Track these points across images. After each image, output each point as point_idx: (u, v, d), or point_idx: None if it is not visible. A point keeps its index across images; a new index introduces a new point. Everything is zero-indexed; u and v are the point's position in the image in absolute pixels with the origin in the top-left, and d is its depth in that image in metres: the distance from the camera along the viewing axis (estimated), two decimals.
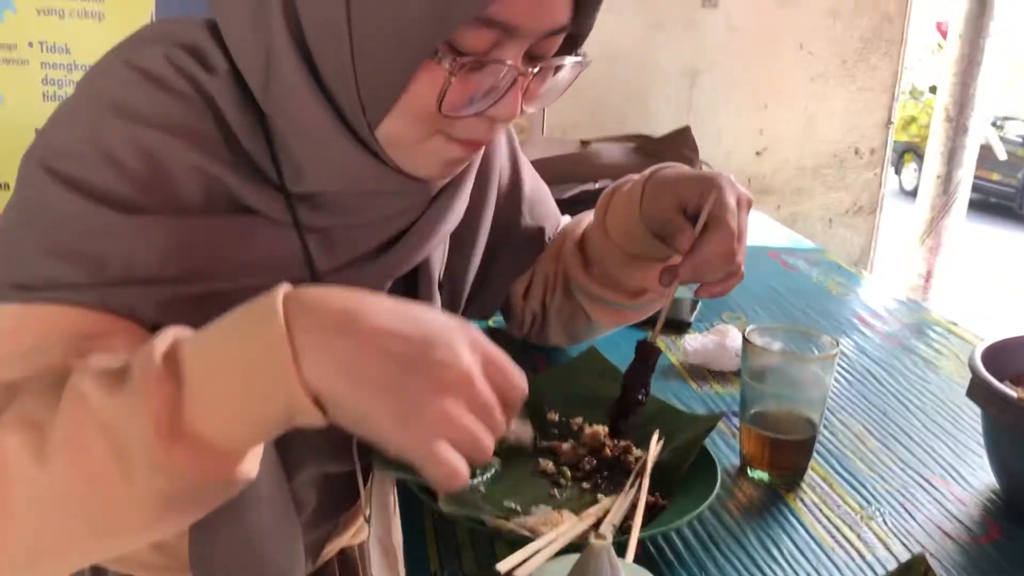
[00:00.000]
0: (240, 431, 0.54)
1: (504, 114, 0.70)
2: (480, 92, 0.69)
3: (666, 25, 2.28)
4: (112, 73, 0.71)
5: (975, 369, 0.85)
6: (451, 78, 0.66)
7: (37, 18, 1.87)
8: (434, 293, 0.89)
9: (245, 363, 0.52)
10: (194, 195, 0.69)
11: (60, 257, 0.65)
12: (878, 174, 2.50)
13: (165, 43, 0.72)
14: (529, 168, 1.08)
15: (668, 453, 0.86)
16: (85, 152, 0.67)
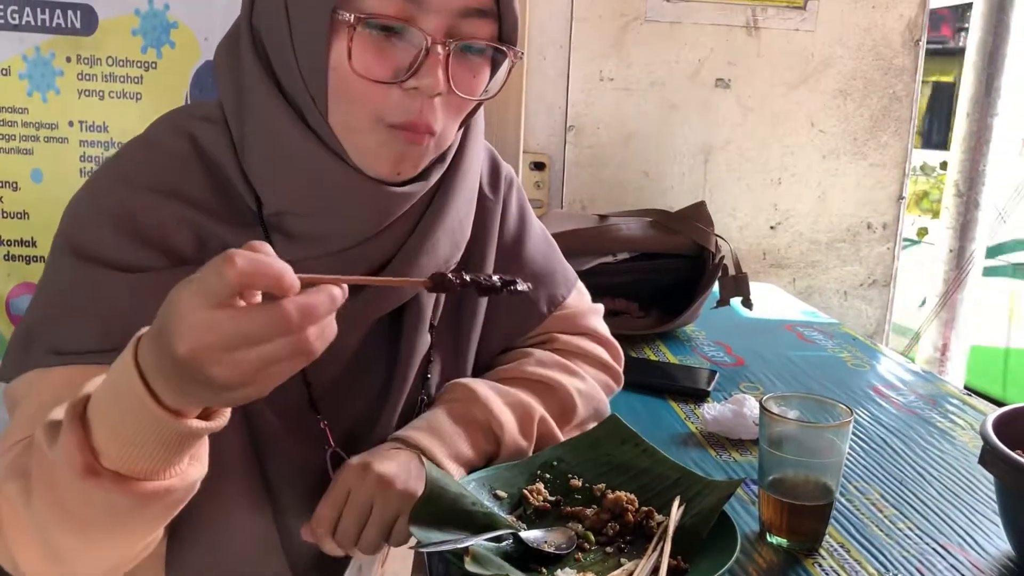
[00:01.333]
0: (132, 452, 0.58)
1: (425, 85, 0.75)
2: (402, 65, 0.75)
3: (681, 105, 2.36)
4: (125, 149, 0.84)
5: (987, 437, 0.88)
6: (352, 32, 0.72)
7: (78, 99, 1.96)
8: (420, 334, 0.93)
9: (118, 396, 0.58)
10: (187, 245, 0.79)
11: (72, 318, 0.76)
12: (891, 248, 2.53)
13: (179, 114, 0.85)
14: (538, 241, 1.07)
15: (689, 518, 0.88)
16: (91, 219, 0.78)
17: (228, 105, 0.83)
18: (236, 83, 0.81)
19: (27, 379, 0.77)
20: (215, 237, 0.80)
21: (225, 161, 0.82)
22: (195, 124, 0.83)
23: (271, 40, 0.79)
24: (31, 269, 1.96)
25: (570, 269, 1.11)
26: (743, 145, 2.41)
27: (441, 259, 0.90)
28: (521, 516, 0.92)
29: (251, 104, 0.80)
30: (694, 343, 1.64)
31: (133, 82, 1.97)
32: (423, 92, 0.75)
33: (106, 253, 0.76)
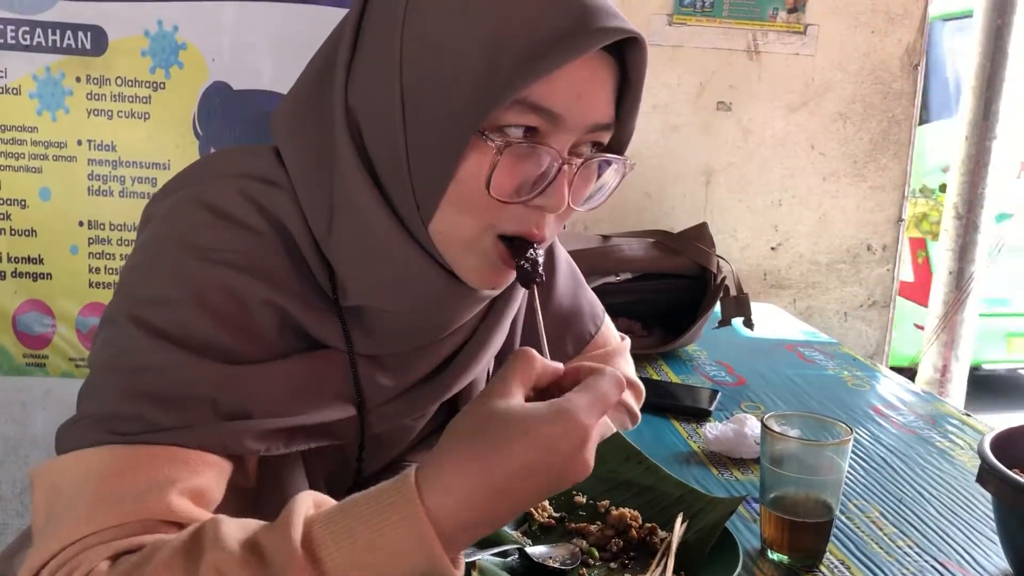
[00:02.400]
0: None
1: (552, 203, 0.72)
2: (528, 180, 0.71)
3: (682, 127, 2.38)
4: (187, 214, 0.75)
5: (984, 456, 0.89)
6: (499, 156, 0.68)
7: (87, 118, 1.98)
8: None
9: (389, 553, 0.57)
10: (270, 329, 0.74)
11: (153, 400, 0.68)
12: (891, 269, 2.55)
13: (236, 176, 0.77)
14: (565, 278, 1.06)
15: (692, 534, 0.89)
16: (171, 298, 0.71)
17: (305, 180, 0.75)
18: (319, 160, 0.74)
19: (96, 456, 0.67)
20: (294, 320, 0.75)
21: (299, 236, 0.75)
22: (262, 191, 0.75)
23: (375, 133, 0.72)
24: (38, 286, 1.98)
25: (597, 303, 1.10)
26: (744, 167, 2.44)
27: (503, 337, 0.90)
28: (526, 532, 0.93)
29: (343, 192, 0.73)
30: (696, 363, 1.66)
31: (141, 102, 1.99)
32: (545, 209, 0.72)
33: (194, 336, 0.70)
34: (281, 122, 0.79)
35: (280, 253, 0.75)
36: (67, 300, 1.98)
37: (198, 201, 0.75)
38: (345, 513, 0.59)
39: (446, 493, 0.58)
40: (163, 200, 0.79)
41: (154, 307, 0.71)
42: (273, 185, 0.76)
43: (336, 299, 0.77)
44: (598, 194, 0.79)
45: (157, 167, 2.00)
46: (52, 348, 1.99)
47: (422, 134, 0.70)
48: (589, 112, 0.71)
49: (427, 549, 0.57)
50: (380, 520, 0.58)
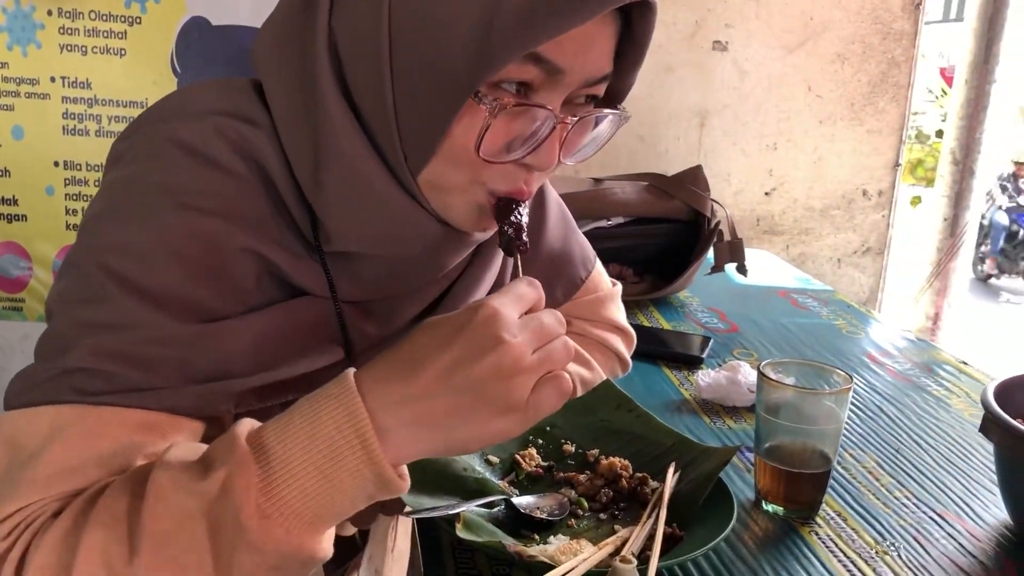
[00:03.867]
0: (329, 507, 0.56)
1: (542, 162, 0.69)
2: (520, 138, 0.68)
3: (677, 68, 2.32)
4: (160, 154, 0.70)
5: (988, 406, 0.86)
6: (491, 119, 0.64)
7: (59, 54, 1.91)
8: None
9: (330, 444, 0.56)
10: (248, 280, 0.69)
11: (123, 360, 0.64)
12: (886, 215, 2.51)
13: (213, 113, 0.71)
14: (555, 220, 1.02)
15: (684, 485, 0.87)
16: (143, 246, 0.66)
17: (289, 120, 0.71)
18: (304, 100, 0.69)
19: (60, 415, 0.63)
20: (275, 269, 0.71)
21: (279, 179, 0.71)
22: (240, 130, 0.70)
23: (360, 80, 0.68)
24: (13, 228, 1.92)
25: (588, 247, 1.07)
26: (739, 109, 2.38)
27: (486, 287, 0.87)
28: (513, 482, 0.90)
29: (328, 135, 0.69)
30: (688, 309, 1.62)
31: (117, 37, 1.92)
32: (535, 168, 0.70)
33: (165, 291, 0.66)
34: (262, 55, 0.73)
35: (260, 197, 0.70)
36: (44, 243, 1.93)
37: (172, 139, 0.69)
38: (289, 410, 0.59)
39: (377, 381, 0.58)
40: (133, 136, 0.73)
41: (124, 255, 0.66)
42: (252, 124, 0.71)
43: (318, 245, 0.73)
44: (589, 146, 0.76)
45: (134, 105, 1.94)
46: (29, 292, 1.95)
47: (412, 89, 0.66)
48: (589, 66, 0.68)
49: (361, 433, 0.56)
50: (318, 406, 0.57)
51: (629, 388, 1.03)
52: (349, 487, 0.56)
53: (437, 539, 0.83)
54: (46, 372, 0.64)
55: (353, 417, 0.56)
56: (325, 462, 0.55)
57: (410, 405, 0.57)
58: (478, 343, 0.57)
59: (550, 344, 0.60)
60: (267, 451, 0.55)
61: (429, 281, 0.81)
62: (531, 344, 0.59)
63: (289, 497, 0.55)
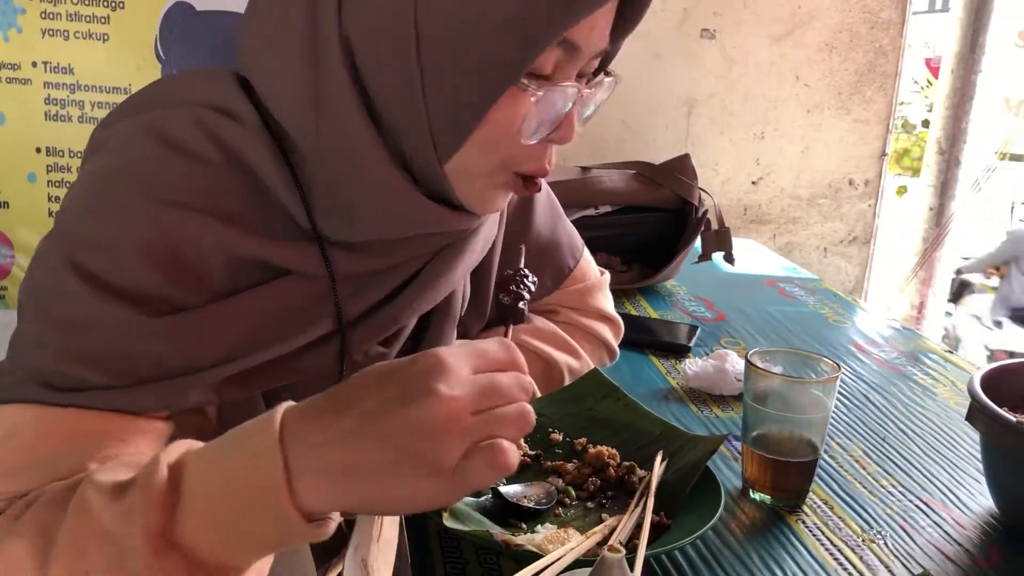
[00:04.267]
0: (232, 548, 0.52)
1: (566, 137, 0.71)
2: (547, 118, 0.69)
3: (665, 55, 2.31)
4: (138, 146, 0.69)
5: (975, 394, 0.86)
6: (534, 104, 0.66)
7: (41, 39, 1.89)
8: (447, 330, 0.88)
9: (238, 481, 0.51)
10: (223, 273, 0.68)
11: (88, 361, 0.63)
12: (872, 205, 2.52)
13: (193, 105, 0.70)
14: (543, 208, 1.02)
15: (672, 473, 0.87)
16: (113, 242, 0.65)
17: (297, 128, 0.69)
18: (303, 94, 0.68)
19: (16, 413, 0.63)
20: (254, 258, 0.70)
21: (265, 170, 0.69)
22: (221, 124, 0.69)
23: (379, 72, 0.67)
24: None
25: (576, 236, 1.07)
26: (727, 98, 2.38)
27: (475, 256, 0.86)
28: None
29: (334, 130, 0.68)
30: (675, 298, 1.62)
31: (100, 22, 1.90)
32: (557, 143, 0.72)
33: (133, 288, 0.65)
34: (251, 48, 0.71)
35: (239, 188, 0.69)
36: (26, 230, 1.91)
37: (150, 130, 0.68)
38: (218, 439, 0.54)
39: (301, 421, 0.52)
40: (113, 126, 0.72)
41: (94, 251, 0.65)
42: (234, 117, 0.70)
43: (313, 225, 0.71)
44: (589, 113, 0.78)
45: (118, 91, 1.92)
46: (12, 280, 1.93)
47: (444, 84, 0.66)
48: (598, 41, 0.70)
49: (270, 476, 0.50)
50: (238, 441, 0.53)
51: (617, 377, 1.02)
52: (254, 530, 0.51)
53: (424, 528, 0.82)
54: (11, 370, 0.64)
55: (264, 457, 0.50)
56: (232, 501, 0.51)
57: (326, 450, 0.51)
58: (410, 392, 0.51)
59: (500, 409, 0.53)
60: (182, 481, 0.52)
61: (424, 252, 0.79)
62: (474, 404, 0.52)
63: (190, 533, 0.51)
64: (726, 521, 0.86)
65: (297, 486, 0.50)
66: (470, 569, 0.77)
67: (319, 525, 0.52)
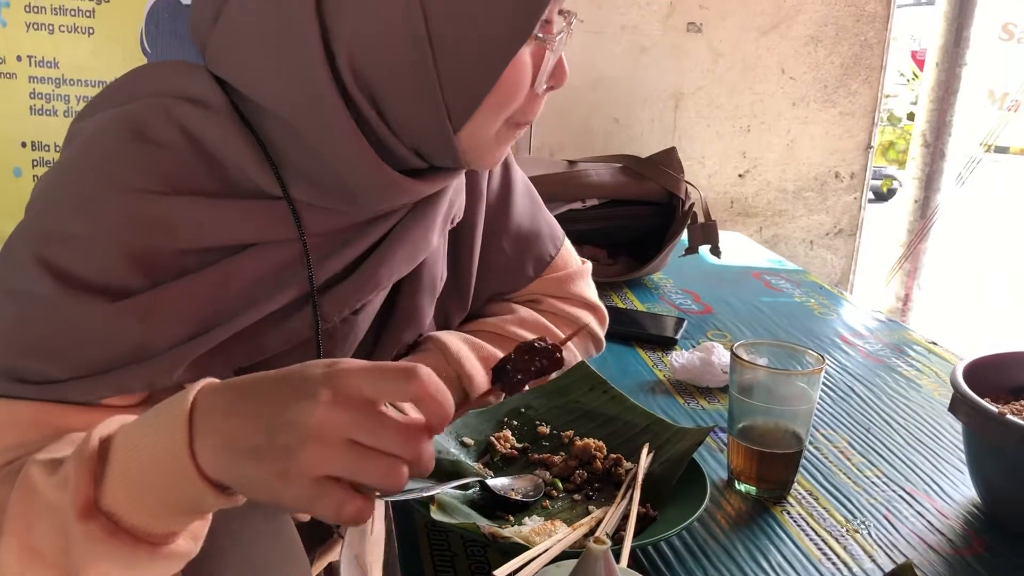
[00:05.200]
0: (150, 510, 0.53)
1: (562, 80, 0.74)
2: (552, 65, 0.72)
3: (651, 49, 2.32)
4: (109, 138, 0.70)
5: (957, 385, 0.87)
6: (551, 52, 0.70)
7: (26, 33, 1.88)
8: (422, 301, 0.89)
9: (153, 449, 0.53)
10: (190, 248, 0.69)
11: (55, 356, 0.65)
12: (858, 197, 2.53)
13: (164, 95, 0.72)
14: (523, 198, 1.03)
15: (658, 465, 0.87)
16: (79, 235, 0.66)
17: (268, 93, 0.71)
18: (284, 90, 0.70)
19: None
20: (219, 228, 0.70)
21: (233, 152, 0.71)
22: (188, 112, 0.71)
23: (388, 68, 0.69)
24: None
25: (556, 225, 1.07)
26: (713, 91, 2.38)
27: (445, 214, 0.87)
28: (488, 463, 0.91)
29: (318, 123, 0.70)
30: (662, 291, 1.63)
31: (84, 16, 1.90)
32: (557, 86, 0.75)
33: (105, 280, 0.66)
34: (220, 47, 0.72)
35: (207, 171, 0.71)
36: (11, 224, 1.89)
37: (122, 121, 0.70)
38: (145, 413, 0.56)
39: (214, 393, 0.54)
40: (89, 117, 0.74)
41: (59, 243, 0.66)
42: (204, 105, 0.71)
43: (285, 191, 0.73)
44: None
45: (103, 85, 1.90)
46: None
47: (458, 45, 0.68)
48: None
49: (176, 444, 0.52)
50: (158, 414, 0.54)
51: (604, 369, 1.03)
52: (171, 498, 0.53)
53: (411, 521, 0.83)
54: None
55: (174, 424, 0.52)
56: (147, 466, 0.53)
57: (221, 422, 0.52)
58: (301, 389, 0.51)
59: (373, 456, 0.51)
60: (110, 450, 0.54)
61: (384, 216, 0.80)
62: (347, 429, 0.50)
63: (114, 499, 0.53)
64: (712, 512, 0.87)
65: (196, 451, 0.51)
66: (458, 561, 0.78)
67: (228, 492, 0.53)
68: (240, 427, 0.52)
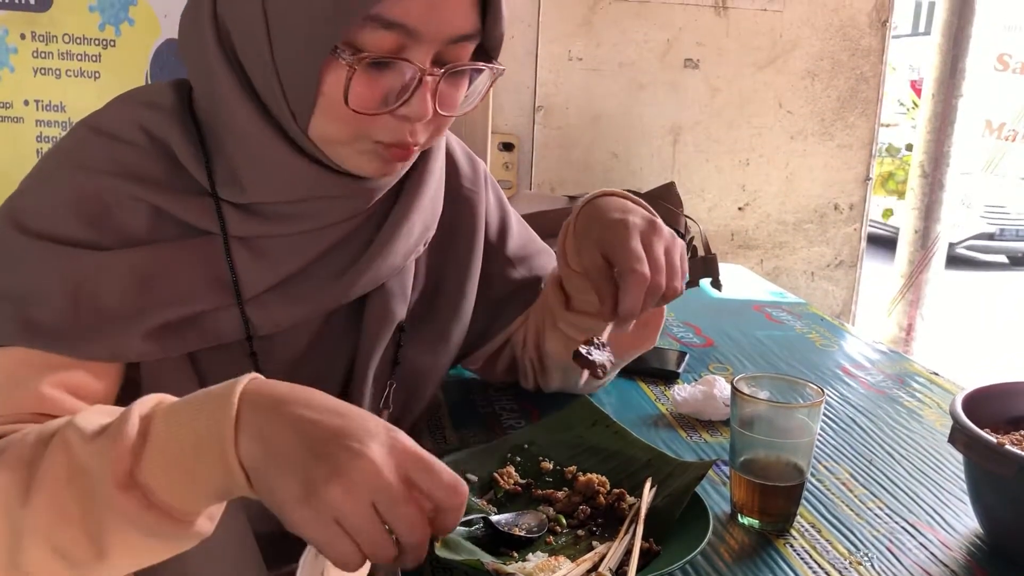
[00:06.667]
0: (185, 492, 0.58)
1: (415, 113, 0.76)
2: (392, 93, 0.75)
3: (649, 85, 2.35)
4: (75, 136, 0.82)
5: (956, 416, 0.88)
6: (351, 72, 0.72)
7: (33, 77, 1.91)
8: (385, 327, 0.92)
9: (196, 431, 0.57)
10: (139, 223, 0.78)
11: (35, 302, 0.74)
12: (858, 229, 2.55)
13: (129, 103, 0.83)
14: (520, 225, 1.11)
15: (661, 500, 0.88)
16: (45, 205, 0.77)
17: (198, 89, 0.82)
18: (201, 70, 0.80)
19: None
20: (168, 214, 0.80)
21: (175, 144, 0.80)
22: (140, 111, 0.82)
23: (245, 44, 0.77)
24: None
25: (549, 252, 1.12)
26: (711, 126, 2.41)
27: (414, 241, 0.92)
28: (492, 499, 0.91)
29: (219, 101, 0.79)
30: (663, 324, 1.63)
31: (91, 60, 1.93)
32: (411, 119, 0.77)
33: (63, 233, 0.76)
34: (181, 35, 0.83)
35: (154, 159, 0.80)
36: None
37: (87, 125, 0.82)
38: (188, 396, 0.60)
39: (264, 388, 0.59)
40: None
41: (27, 210, 0.77)
42: (155, 107, 0.82)
43: (213, 188, 0.81)
44: (470, 99, 0.83)
45: None
46: None
47: (287, 51, 0.74)
48: (446, 24, 0.74)
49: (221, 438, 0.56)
50: (204, 400, 0.59)
51: (606, 404, 1.04)
52: (205, 480, 0.57)
53: None
54: None
55: (224, 410, 0.57)
56: (191, 452, 0.57)
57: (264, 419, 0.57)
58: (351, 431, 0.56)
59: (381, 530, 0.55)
60: (150, 429, 0.58)
61: (325, 224, 0.85)
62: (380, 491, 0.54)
63: (151, 475, 0.57)
64: (715, 545, 0.87)
65: (239, 440, 0.56)
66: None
67: None
68: (284, 435, 0.56)
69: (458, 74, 0.78)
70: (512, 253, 1.07)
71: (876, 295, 3.69)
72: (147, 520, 0.57)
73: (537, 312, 1.08)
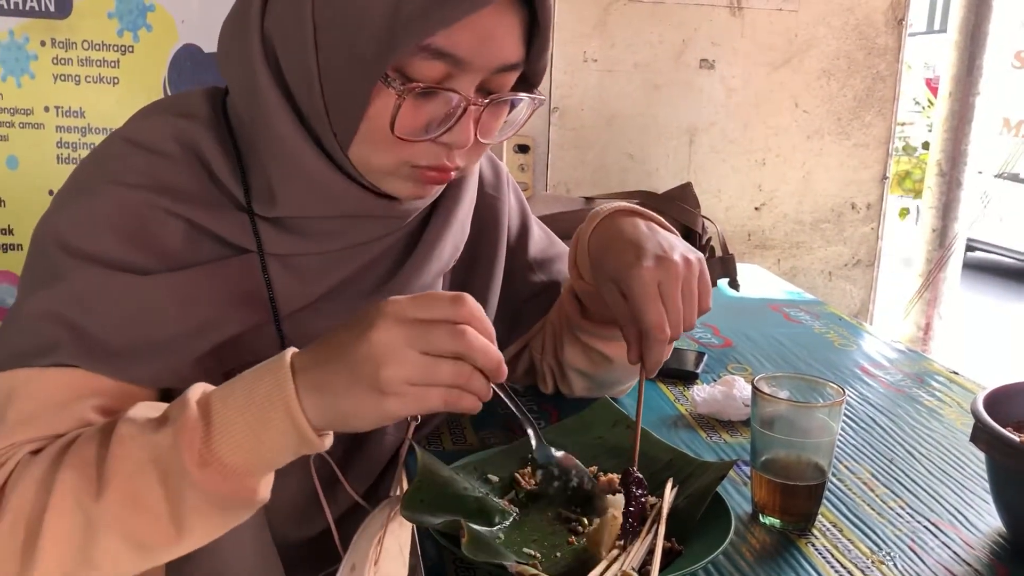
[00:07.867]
0: (256, 459, 0.66)
1: (457, 141, 0.77)
2: (435, 120, 0.75)
3: (665, 86, 2.35)
4: (109, 148, 0.82)
5: (978, 415, 0.87)
6: (400, 101, 0.72)
7: (53, 84, 1.92)
8: None
9: (257, 401, 0.65)
10: (175, 240, 0.79)
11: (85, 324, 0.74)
12: (875, 228, 2.54)
13: (163, 114, 0.83)
14: (540, 228, 1.12)
15: (683, 500, 0.88)
16: (85, 222, 0.77)
17: (239, 101, 0.82)
18: (246, 82, 0.79)
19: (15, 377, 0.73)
20: (205, 229, 0.80)
21: (212, 157, 0.81)
22: (175, 122, 0.81)
23: (291, 61, 0.77)
24: (8, 257, 1.93)
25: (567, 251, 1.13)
26: (727, 126, 2.41)
27: (445, 261, 0.93)
28: (513, 500, 0.91)
29: (261, 116, 0.78)
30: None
31: (110, 66, 1.94)
32: (453, 146, 0.78)
33: (105, 253, 0.76)
34: (222, 43, 0.83)
35: (190, 172, 0.80)
36: None
37: (121, 136, 0.82)
38: (233, 379, 0.68)
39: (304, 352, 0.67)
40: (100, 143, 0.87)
41: (66, 227, 0.77)
42: (190, 117, 0.82)
43: (250, 208, 0.81)
44: (508, 127, 0.84)
45: None
46: None
47: (334, 72, 0.74)
48: (494, 55, 0.75)
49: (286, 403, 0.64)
50: (256, 377, 0.66)
51: (626, 405, 1.04)
52: (276, 444, 0.65)
53: (439, 556, 0.84)
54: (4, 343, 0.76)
55: (281, 380, 0.65)
56: (257, 423, 0.64)
57: (314, 372, 0.65)
58: (359, 328, 0.65)
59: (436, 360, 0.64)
60: (210, 411, 0.65)
61: (361, 242, 0.87)
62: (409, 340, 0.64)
63: (224, 449, 0.64)
64: (736, 545, 0.87)
65: (302, 399, 0.65)
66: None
67: (322, 435, 0.67)
68: (330, 375, 0.65)
69: (500, 103, 0.79)
70: (533, 257, 1.08)
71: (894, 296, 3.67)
72: (224, 492, 0.64)
73: (554, 319, 1.09)
